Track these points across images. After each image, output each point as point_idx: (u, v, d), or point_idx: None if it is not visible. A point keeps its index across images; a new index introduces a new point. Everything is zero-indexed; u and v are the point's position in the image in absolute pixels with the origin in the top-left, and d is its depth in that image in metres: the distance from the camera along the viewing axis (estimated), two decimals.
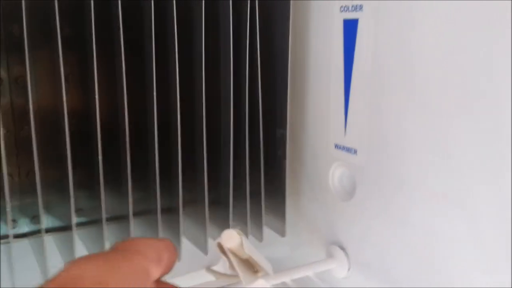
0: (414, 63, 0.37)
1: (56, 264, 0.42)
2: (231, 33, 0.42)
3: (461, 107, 0.34)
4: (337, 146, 0.46)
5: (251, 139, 0.46)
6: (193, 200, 0.46)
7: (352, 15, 0.42)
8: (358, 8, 0.41)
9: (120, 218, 0.45)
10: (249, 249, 0.28)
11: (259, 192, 0.48)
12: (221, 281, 0.39)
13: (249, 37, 0.44)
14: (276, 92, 0.47)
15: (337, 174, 0.48)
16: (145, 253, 0.19)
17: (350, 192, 0.46)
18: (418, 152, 0.38)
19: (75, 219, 0.41)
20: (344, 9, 0.43)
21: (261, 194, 0.48)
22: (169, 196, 0.45)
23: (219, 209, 0.47)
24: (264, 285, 0.29)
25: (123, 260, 0.18)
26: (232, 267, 0.27)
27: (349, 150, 0.45)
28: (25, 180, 0.47)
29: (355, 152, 0.44)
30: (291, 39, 0.45)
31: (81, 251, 0.44)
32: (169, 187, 0.44)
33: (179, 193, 0.43)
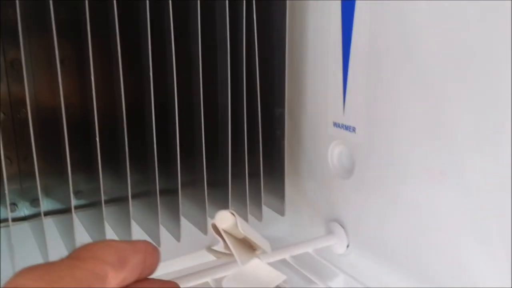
0: (411, 42, 0.37)
1: (56, 246, 0.43)
2: (227, 13, 0.42)
3: (458, 84, 0.34)
4: (335, 125, 0.46)
5: (250, 118, 0.46)
6: (192, 181, 0.46)
7: None
8: None
9: (119, 200, 0.45)
10: (245, 228, 0.28)
11: (258, 172, 0.48)
12: (221, 260, 0.39)
13: (246, 16, 0.43)
14: (274, 72, 0.47)
15: (336, 152, 0.48)
16: (102, 257, 0.18)
17: (349, 170, 0.46)
18: (415, 130, 0.38)
19: (74, 202, 0.41)
20: None
21: (260, 174, 0.48)
22: (168, 177, 0.45)
23: (218, 189, 0.47)
24: (258, 263, 0.29)
25: (69, 269, 0.17)
26: (227, 247, 0.27)
27: (347, 128, 0.45)
28: (24, 164, 0.47)
29: (354, 130, 0.44)
30: (289, 18, 0.45)
31: (81, 233, 0.45)
32: (168, 169, 0.44)
33: (178, 174, 0.43)
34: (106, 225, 0.44)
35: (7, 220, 0.40)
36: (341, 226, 0.48)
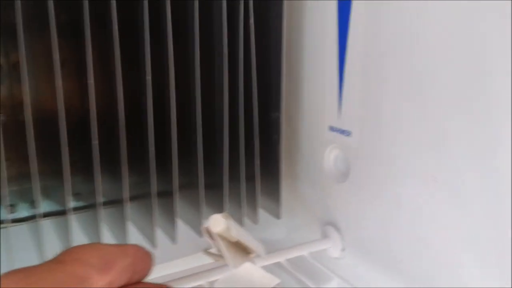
0: (408, 45, 0.37)
1: (53, 248, 0.43)
2: (225, 17, 0.42)
3: (454, 88, 0.34)
4: (331, 129, 0.46)
5: (246, 122, 0.46)
6: (188, 183, 0.46)
7: None
8: None
9: (116, 202, 0.45)
10: (238, 232, 0.28)
11: (254, 175, 0.48)
12: (217, 263, 0.40)
13: (243, 19, 0.43)
14: (271, 75, 0.47)
15: (332, 156, 0.48)
16: (85, 260, 0.18)
17: (344, 173, 0.47)
18: (410, 134, 0.38)
19: (71, 204, 0.42)
20: None
21: (256, 177, 0.48)
22: (165, 179, 0.45)
23: (215, 192, 0.47)
24: (251, 267, 0.29)
25: (50, 271, 0.17)
26: (220, 251, 0.28)
27: (343, 132, 0.45)
28: (24, 165, 0.48)
29: (349, 134, 0.44)
30: (285, 20, 0.45)
31: (78, 235, 0.45)
32: (165, 171, 0.45)
33: (174, 176, 0.44)
34: (103, 227, 0.44)
35: (6, 221, 0.41)
36: (336, 230, 0.48)
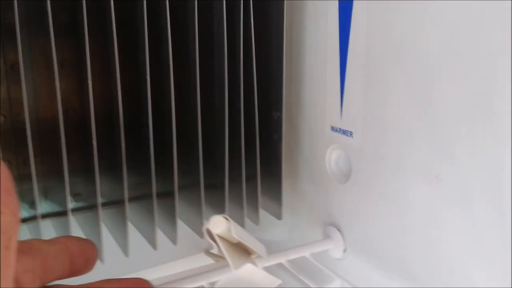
0: (409, 45, 0.37)
1: None
2: (225, 16, 0.42)
3: (455, 88, 0.34)
4: (333, 129, 0.46)
5: (247, 122, 0.46)
6: (189, 184, 0.46)
7: None
8: None
9: (117, 203, 0.45)
10: (239, 233, 0.28)
11: (255, 175, 0.48)
12: (218, 264, 0.40)
13: (243, 18, 0.43)
14: (271, 75, 0.47)
15: (333, 156, 0.48)
16: None
17: (346, 174, 0.46)
18: (413, 135, 0.38)
19: (72, 204, 0.41)
20: None
21: (257, 177, 0.48)
22: (165, 180, 0.45)
23: (215, 192, 0.47)
24: (252, 268, 0.29)
25: None
26: (220, 252, 0.28)
27: (345, 132, 0.45)
28: (23, 166, 0.47)
29: (351, 134, 0.44)
30: (286, 20, 0.45)
31: (78, 235, 0.45)
32: (165, 172, 0.44)
33: (175, 177, 0.43)
34: (103, 227, 0.44)
35: None
36: (338, 231, 0.48)
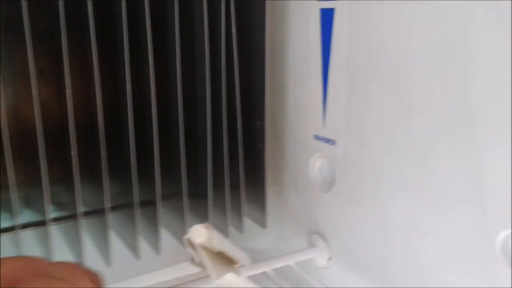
0: (391, 54, 0.37)
1: None
2: (207, 25, 0.42)
3: (436, 97, 0.34)
4: (316, 137, 0.46)
5: (230, 131, 0.46)
6: (172, 192, 0.46)
7: (329, 4, 0.41)
8: None
9: (98, 212, 0.44)
10: (220, 242, 0.27)
11: (239, 184, 0.47)
12: (203, 273, 0.39)
13: (225, 27, 0.43)
14: (254, 84, 0.47)
15: (317, 165, 0.48)
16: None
17: (330, 182, 0.46)
18: (395, 144, 0.38)
19: (52, 214, 0.41)
20: None
21: (241, 185, 0.48)
22: (148, 189, 0.45)
23: (199, 201, 0.47)
24: (234, 278, 0.29)
25: None
26: (201, 262, 0.27)
27: (328, 141, 0.45)
28: (2, 176, 0.47)
29: (334, 143, 0.44)
30: (268, 28, 0.45)
31: (59, 245, 0.44)
32: (147, 180, 0.44)
33: (157, 185, 0.43)
34: (85, 237, 0.44)
35: None
36: (323, 239, 0.48)
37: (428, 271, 0.37)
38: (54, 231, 0.44)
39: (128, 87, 0.39)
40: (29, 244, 0.44)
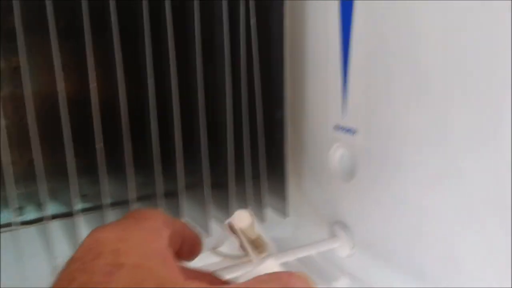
0: (411, 42, 0.37)
1: (62, 250, 0.43)
2: (226, 15, 0.42)
3: (458, 85, 0.34)
4: (336, 127, 0.46)
5: (251, 121, 0.46)
6: (194, 183, 0.46)
7: None
8: None
9: (123, 203, 0.45)
10: (258, 229, 0.28)
11: (260, 174, 0.48)
12: (227, 262, 0.40)
13: (245, 18, 0.43)
14: (273, 74, 0.47)
15: (337, 155, 0.48)
16: (153, 218, 0.21)
17: (350, 172, 0.46)
18: (415, 131, 0.38)
19: (79, 205, 0.42)
20: None
21: (262, 176, 0.48)
22: (171, 180, 0.45)
23: (221, 191, 0.47)
24: (273, 263, 0.29)
25: (136, 223, 0.21)
26: (242, 247, 0.28)
27: (348, 130, 0.45)
28: (28, 168, 0.48)
29: (355, 132, 0.44)
30: (288, 19, 0.45)
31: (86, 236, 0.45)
32: (170, 171, 0.45)
33: (180, 177, 0.44)
34: None
35: (15, 224, 0.41)
36: (344, 229, 0.48)
37: (451, 260, 0.37)
38: (80, 222, 0.45)
39: (150, 80, 0.40)
40: (55, 235, 0.44)
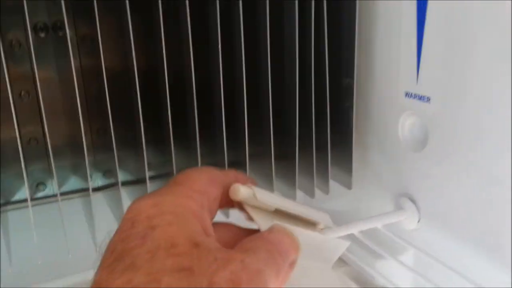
0: (494, 4, 0.34)
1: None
2: None
3: None
4: (407, 94, 0.44)
5: (317, 89, 0.45)
6: (259, 153, 0.46)
7: None
8: None
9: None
10: (271, 199, 0.27)
11: (325, 144, 0.47)
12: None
13: None
14: (342, 40, 0.45)
15: (407, 123, 0.46)
16: (186, 184, 0.24)
17: (421, 141, 0.44)
18: (497, 100, 0.35)
19: (148, 174, 0.42)
20: None
21: (327, 146, 0.47)
22: (235, 150, 0.45)
23: (285, 162, 0.47)
24: (318, 236, 0.28)
25: (169, 190, 0.23)
26: (250, 219, 0.26)
27: (421, 98, 0.42)
28: (96, 137, 0.49)
29: (428, 100, 0.42)
30: None
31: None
32: (235, 142, 0.44)
33: (245, 147, 0.43)
34: None
35: (86, 189, 0.42)
36: (412, 201, 0.46)
37: None
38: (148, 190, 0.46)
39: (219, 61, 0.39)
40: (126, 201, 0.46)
